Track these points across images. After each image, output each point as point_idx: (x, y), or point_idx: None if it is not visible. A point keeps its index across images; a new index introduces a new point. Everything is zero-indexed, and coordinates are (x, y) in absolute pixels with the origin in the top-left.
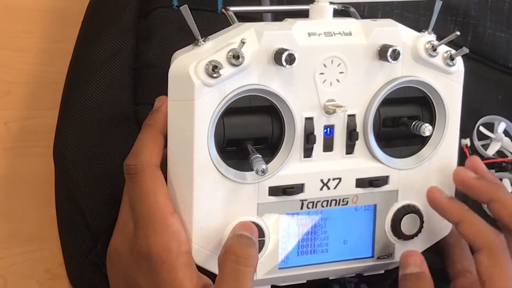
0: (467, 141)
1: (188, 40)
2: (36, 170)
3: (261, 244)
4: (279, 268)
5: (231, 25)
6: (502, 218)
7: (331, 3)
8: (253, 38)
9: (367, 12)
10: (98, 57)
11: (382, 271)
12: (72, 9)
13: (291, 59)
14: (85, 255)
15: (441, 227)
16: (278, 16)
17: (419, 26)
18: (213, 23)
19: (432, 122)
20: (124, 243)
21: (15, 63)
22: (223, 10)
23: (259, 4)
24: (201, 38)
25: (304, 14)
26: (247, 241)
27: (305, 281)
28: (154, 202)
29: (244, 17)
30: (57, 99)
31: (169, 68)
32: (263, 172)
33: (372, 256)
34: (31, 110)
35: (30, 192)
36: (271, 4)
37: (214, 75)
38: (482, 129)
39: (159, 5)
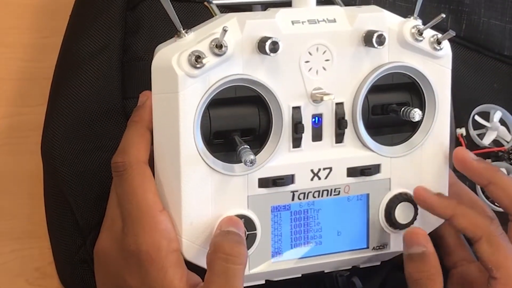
0: (462, 131)
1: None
2: (25, 167)
3: (253, 237)
4: (273, 262)
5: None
6: (501, 201)
7: None
8: (236, 28)
9: (359, 1)
10: (85, 51)
11: (379, 263)
12: (60, 4)
13: (275, 47)
14: (74, 253)
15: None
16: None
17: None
18: (200, 15)
19: (422, 108)
20: (112, 242)
21: (3, 59)
22: (205, 3)
23: None
24: (183, 29)
25: (288, 4)
26: (235, 237)
27: (300, 275)
28: (142, 199)
29: (232, 9)
30: (46, 95)
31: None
32: (252, 162)
33: (367, 247)
34: (19, 107)
35: (20, 189)
36: None
37: (198, 66)
38: (477, 118)
39: None
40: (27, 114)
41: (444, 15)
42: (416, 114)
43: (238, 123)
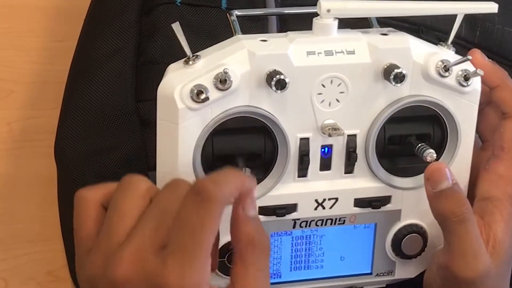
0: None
1: (192, 37)
2: (39, 170)
3: None
4: (270, 284)
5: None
6: (505, 103)
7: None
8: (245, 60)
9: None
10: (100, 54)
11: (384, 285)
12: (74, 8)
13: (281, 85)
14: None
15: None
16: (284, 19)
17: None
18: (216, 19)
19: (444, 140)
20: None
21: (18, 62)
22: (227, 14)
23: (264, 3)
24: (192, 55)
25: (312, 15)
26: (260, 223)
27: None
28: (206, 237)
29: (249, 18)
30: (60, 99)
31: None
32: None
33: (371, 273)
34: (33, 110)
35: (33, 192)
36: (276, 5)
37: (199, 100)
38: None
39: (162, 2)
40: (40, 117)
41: (470, 57)
42: (428, 156)
43: (242, 150)
